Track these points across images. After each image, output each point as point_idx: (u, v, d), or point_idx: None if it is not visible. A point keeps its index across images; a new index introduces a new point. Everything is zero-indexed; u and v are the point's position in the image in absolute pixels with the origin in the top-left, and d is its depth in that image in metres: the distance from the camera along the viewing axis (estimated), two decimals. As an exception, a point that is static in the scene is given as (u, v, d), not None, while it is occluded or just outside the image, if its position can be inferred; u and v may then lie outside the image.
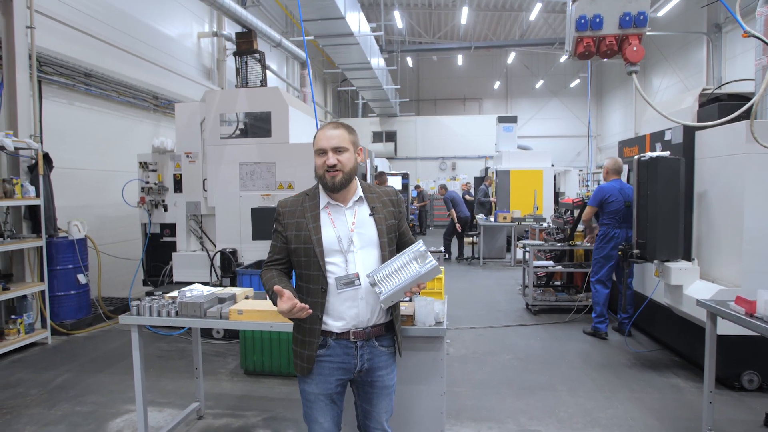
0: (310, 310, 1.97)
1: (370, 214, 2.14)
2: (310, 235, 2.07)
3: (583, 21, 3.14)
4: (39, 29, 5.69)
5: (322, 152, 2.08)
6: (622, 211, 5.41)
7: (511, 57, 21.82)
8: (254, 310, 2.87)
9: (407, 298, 2.88)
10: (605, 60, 3.28)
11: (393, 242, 2.21)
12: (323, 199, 2.14)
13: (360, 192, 2.17)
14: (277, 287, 1.95)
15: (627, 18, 3.11)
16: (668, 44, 16.63)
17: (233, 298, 3.18)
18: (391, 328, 2.22)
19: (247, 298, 3.32)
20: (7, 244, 5.06)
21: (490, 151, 16.87)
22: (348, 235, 2.09)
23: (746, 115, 3.43)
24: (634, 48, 3.12)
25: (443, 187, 11.98)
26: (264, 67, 6.58)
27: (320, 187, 2.16)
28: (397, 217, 2.24)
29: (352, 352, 2.12)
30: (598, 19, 3.14)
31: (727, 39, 13.53)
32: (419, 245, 1.98)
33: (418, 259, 1.95)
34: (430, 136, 21.36)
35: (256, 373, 4.51)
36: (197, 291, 3.16)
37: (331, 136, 2.07)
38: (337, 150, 2.06)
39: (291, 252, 2.13)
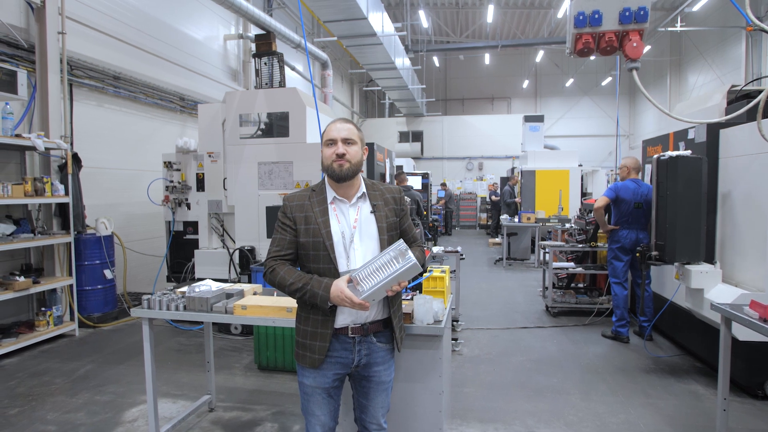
0: (368, 306, 1.98)
1: (371, 212, 2.17)
2: (320, 228, 2.11)
3: (581, 17, 3.06)
4: (70, 34, 5.95)
5: (331, 142, 2.13)
6: (632, 212, 5.29)
7: (540, 55, 21.46)
8: (258, 305, 2.94)
9: (408, 296, 2.90)
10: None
11: (394, 239, 2.21)
12: (329, 194, 2.18)
13: (363, 189, 2.21)
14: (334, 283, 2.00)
15: (627, 13, 3.01)
16: (705, 40, 16.06)
17: (241, 294, 3.26)
18: (389, 325, 2.24)
19: (255, 294, 3.39)
20: (38, 239, 5.30)
21: (518, 151, 16.64)
22: (350, 231, 2.13)
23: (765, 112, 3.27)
24: (634, 44, 3.02)
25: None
26: (282, 68, 6.68)
27: (326, 182, 2.21)
28: (398, 214, 2.27)
29: (350, 347, 2.15)
30: (596, 15, 3.06)
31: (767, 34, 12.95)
32: (400, 243, 1.99)
33: (398, 257, 1.95)
34: (456, 136, 21.22)
35: (269, 369, 4.59)
36: (206, 286, 3.24)
37: (341, 128, 2.15)
38: (346, 141, 2.13)
39: (299, 246, 2.16)
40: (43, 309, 5.51)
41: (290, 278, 2.08)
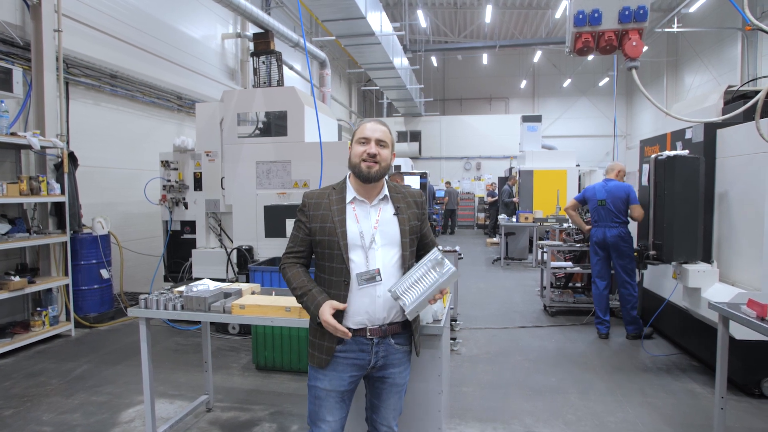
0: (349, 335, 2.05)
1: (395, 214, 2.16)
2: (335, 228, 2.09)
3: (581, 16, 3.07)
4: (66, 32, 5.92)
5: (365, 141, 2.11)
6: (596, 210, 5.50)
7: (538, 55, 21.47)
8: (256, 305, 2.92)
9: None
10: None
11: (414, 243, 2.23)
12: (350, 193, 2.16)
13: (386, 191, 2.20)
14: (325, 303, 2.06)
15: (626, 12, 3.02)
16: (701, 40, 16.10)
17: (239, 293, 3.24)
18: (407, 327, 2.22)
19: (253, 293, 3.38)
20: (33, 239, 5.27)
21: (515, 151, 16.68)
22: (371, 232, 2.11)
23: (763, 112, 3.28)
24: (634, 43, 3.03)
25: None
26: (281, 67, 6.66)
27: (347, 182, 2.20)
28: (420, 218, 2.26)
29: (367, 348, 2.13)
30: (596, 14, 3.07)
31: (763, 35, 12.99)
32: (435, 253, 2.04)
33: (436, 267, 2.01)
34: (454, 136, 21.24)
35: (267, 369, 4.58)
36: (203, 286, 3.22)
37: (376, 129, 2.14)
38: (380, 143, 2.12)
39: (315, 244, 2.15)
40: (38, 309, 5.48)
41: (294, 282, 2.14)
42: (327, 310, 2.04)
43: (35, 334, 5.26)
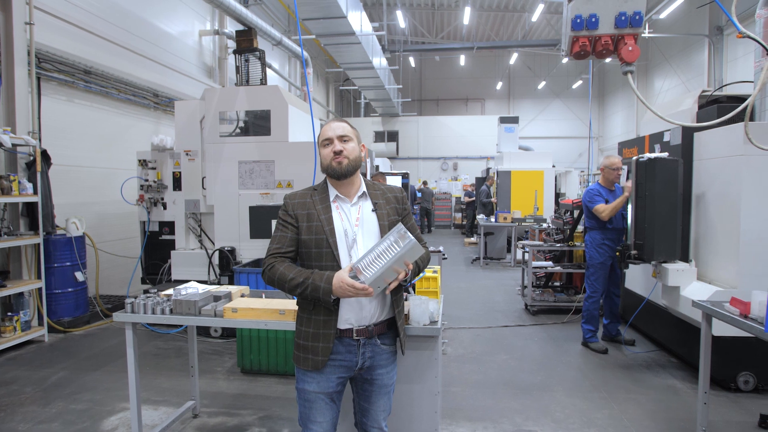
0: (372, 292, 1.93)
1: (373, 210, 2.16)
2: (323, 226, 2.08)
3: (578, 20, 3.14)
4: (38, 25, 5.69)
5: (328, 142, 2.13)
6: None
7: (514, 58, 21.80)
8: (249, 308, 2.87)
9: (405, 283, 2.87)
10: (607, 61, 3.30)
11: None
12: (332, 192, 2.17)
13: (363, 188, 2.20)
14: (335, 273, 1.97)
15: (623, 18, 3.10)
16: (670, 46, 16.62)
17: (228, 296, 3.18)
18: (393, 326, 2.21)
19: (242, 296, 3.32)
20: (4, 241, 5.06)
21: (492, 152, 16.90)
22: (353, 231, 2.11)
23: (742, 117, 3.40)
24: (630, 48, 3.12)
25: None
26: (264, 66, 6.57)
27: (328, 182, 2.20)
28: (400, 213, 2.25)
29: (354, 350, 2.11)
30: (593, 19, 3.14)
31: (728, 41, 13.50)
32: (399, 227, 1.95)
33: (398, 240, 1.91)
34: (431, 136, 21.39)
35: (252, 372, 4.50)
36: (192, 289, 3.15)
37: (336, 127, 2.16)
38: (342, 138, 2.13)
39: (300, 244, 2.12)
40: (9, 314, 5.24)
41: (290, 273, 2.02)
42: (344, 274, 1.94)
43: (6, 340, 5.03)
